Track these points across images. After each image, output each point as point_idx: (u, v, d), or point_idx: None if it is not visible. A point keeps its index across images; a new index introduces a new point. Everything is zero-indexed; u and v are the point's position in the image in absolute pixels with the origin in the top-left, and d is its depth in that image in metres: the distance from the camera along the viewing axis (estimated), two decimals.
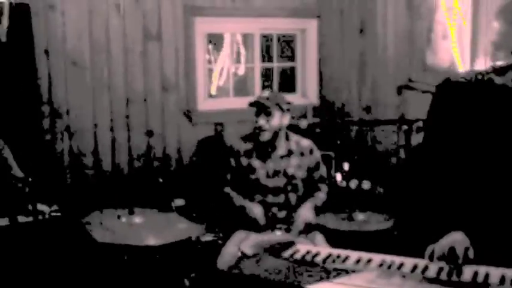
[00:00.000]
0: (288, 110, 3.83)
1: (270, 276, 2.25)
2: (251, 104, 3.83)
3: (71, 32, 4.90)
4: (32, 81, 4.73)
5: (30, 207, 3.69)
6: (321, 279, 2.17)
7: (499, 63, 2.21)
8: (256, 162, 3.85)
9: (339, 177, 4.46)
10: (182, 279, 3.55)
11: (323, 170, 3.99)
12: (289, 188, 3.84)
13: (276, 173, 3.84)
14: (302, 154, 3.89)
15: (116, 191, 4.89)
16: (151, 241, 3.18)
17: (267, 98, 3.79)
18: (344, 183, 4.10)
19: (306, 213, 3.72)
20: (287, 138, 3.92)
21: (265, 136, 3.78)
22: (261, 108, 3.78)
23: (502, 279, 2.12)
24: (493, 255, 2.32)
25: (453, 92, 2.44)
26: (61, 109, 4.91)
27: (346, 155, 4.70)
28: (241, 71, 6.26)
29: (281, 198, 3.84)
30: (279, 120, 3.78)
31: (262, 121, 3.77)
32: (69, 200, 4.41)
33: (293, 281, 2.19)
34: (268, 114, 3.75)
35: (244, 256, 3.03)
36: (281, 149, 3.87)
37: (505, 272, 2.18)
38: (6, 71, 4.50)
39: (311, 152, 3.94)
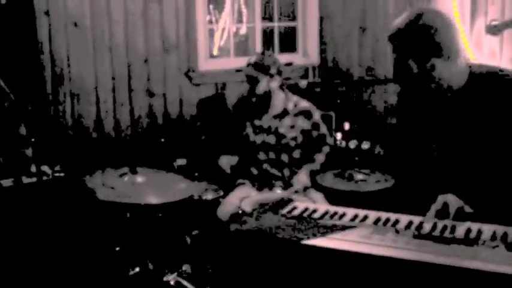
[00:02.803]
0: (278, 73, 3.91)
1: (268, 232, 2.31)
2: (237, 71, 4.05)
3: None
4: (33, 44, 4.71)
5: (33, 168, 3.75)
6: (317, 234, 2.22)
7: (494, 22, 2.23)
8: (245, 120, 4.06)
9: (339, 136, 4.50)
10: (184, 236, 3.61)
11: (323, 130, 4.05)
12: (279, 146, 3.93)
13: (264, 130, 3.93)
14: (297, 115, 3.97)
15: (118, 152, 4.94)
16: (153, 200, 3.23)
17: (254, 64, 3.89)
18: (344, 143, 4.13)
19: (303, 178, 3.89)
20: (287, 98, 4.01)
21: (254, 100, 3.96)
22: (247, 78, 3.94)
23: (493, 236, 2.17)
24: (486, 213, 2.37)
25: None
26: (63, 71, 4.91)
27: (347, 114, 4.72)
28: (243, 30, 6.24)
29: (272, 156, 3.99)
30: (266, 85, 3.89)
31: (250, 87, 3.94)
32: (72, 161, 4.47)
33: (290, 236, 2.24)
34: (255, 82, 3.84)
35: (243, 213, 3.10)
36: (276, 108, 3.97)
37: (497, 228, 2.23)
38: (6, 33, 4.46)
39: (309, 113, 4.00)
